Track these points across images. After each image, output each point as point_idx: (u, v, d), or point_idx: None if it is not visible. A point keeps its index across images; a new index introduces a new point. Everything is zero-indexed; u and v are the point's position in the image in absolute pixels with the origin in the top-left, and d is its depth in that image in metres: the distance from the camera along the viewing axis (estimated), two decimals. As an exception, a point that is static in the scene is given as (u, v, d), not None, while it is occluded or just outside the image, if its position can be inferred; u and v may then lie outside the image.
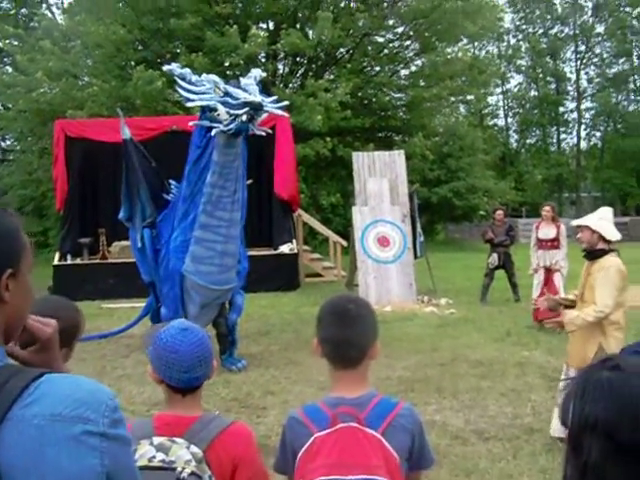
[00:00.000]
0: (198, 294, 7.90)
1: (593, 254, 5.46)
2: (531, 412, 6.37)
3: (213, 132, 7.16)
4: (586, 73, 46.80)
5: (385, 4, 28.64)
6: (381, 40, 30.54)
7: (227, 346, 8.40)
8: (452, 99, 31.66)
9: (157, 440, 2.10)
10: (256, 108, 6.90)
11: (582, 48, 46.13)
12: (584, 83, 46.84)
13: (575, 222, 5.76)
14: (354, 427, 2.14)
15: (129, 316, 10.64)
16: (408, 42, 30.52)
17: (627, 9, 43.27)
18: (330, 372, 2.33)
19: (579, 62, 46.12)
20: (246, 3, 27.20)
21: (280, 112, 7.68)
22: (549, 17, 45.94)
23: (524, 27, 46.95)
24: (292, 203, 16.39)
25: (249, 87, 7.07)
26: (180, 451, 2.06)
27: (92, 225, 15.65)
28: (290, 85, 27.79)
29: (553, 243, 10.75)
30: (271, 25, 28.84)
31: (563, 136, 47.96)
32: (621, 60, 45.04)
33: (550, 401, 6.64)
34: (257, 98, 6.89)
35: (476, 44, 40.29)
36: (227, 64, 26.57)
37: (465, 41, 33.39)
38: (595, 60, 46.61)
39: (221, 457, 2.15)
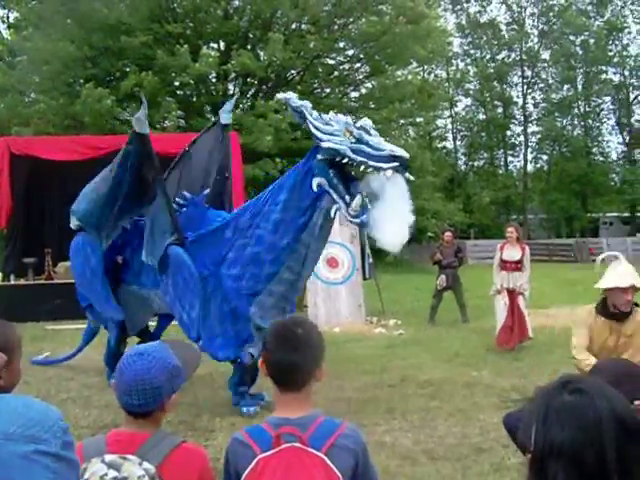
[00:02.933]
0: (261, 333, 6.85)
1: (625, 313, 5.18)
2: (479, 432, 6.40)
3: (332, 211, 6.12)
4: (532, 98, 47.85)
5: (336, 27, 28.90)
6: (332, 62, 30.80)
7: (244, 379, 7.50)
8: (402, 122, 31.98)
9: (109, 457, 2.08)
10: (406, 165, 5.70)
11: (528, 73, 47.17)
12: (530, 107, 47.84)
13: (615, 284, 5.17)
14: (297, 447, 2.14)
15: (74, 337, 10.42)
16: (358, 65, 30.85)
17: (571, 37, 44.40)
18: (274, 393, 2.34)
19: (525, 87, 47.12)
20: (197, 23, 27.20)
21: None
22: (496, 42, 46.90)
23: (472, 52, 47.86)
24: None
25: (371, 131, 5.90)
26: (132, 467, 2.05)
27: (37, 244, 15.23)
28: (240, 106, 27.82)
29: (517, 265, 10.50)
30: (222, 45, 28.87)
31: (510, 159, 48.86)
32: (566, 86, 46.16)
33: (498, 421, 6.69)
34: (405, 153, 5.70)
35: (425, 68, 40.83)
36: (177, 84, 26.50)
37: (415, 65, 33.86)
38: (541, 85, 47.69)
39: (176, 474, 2.15)
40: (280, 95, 6.59)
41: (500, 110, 47.64)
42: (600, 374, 2.19)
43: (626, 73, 45.02)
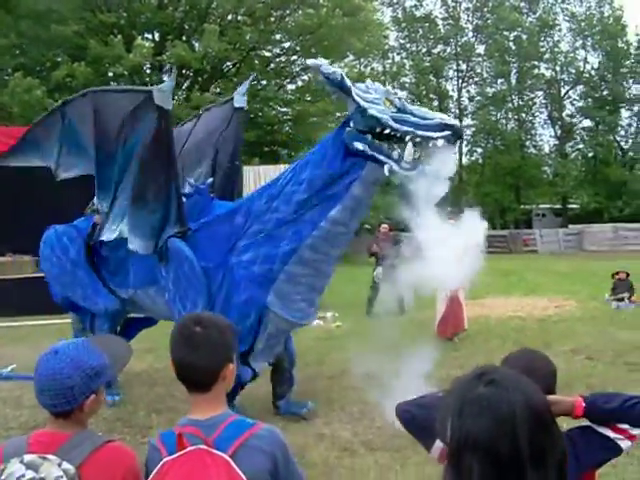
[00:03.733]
0: (279, 328, 6.30)
1: None
2: (417, 423, 6.42)
3: (386, 171, 5.38)
4: (467, 91, 48.53)
5: (272, 19, 28.77)
6: (268, 54, 30.67)
7: (288, 387, 6.95)
8: (338, 114, 32.04)
9: (28, 458, 2.03)
10: (460, 135, 5.44)
11: (463, 67, 47.83)
12: (465, 101, 48.49)
13: None
14: (202, 450, 2.05)
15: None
16: (295, 57, 30.76)
17: (505, 32, 45.14)
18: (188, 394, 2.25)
19: (460, 81, 47.78)
20: (131, 12, 26.73)
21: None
22: (432, 37, 47.37)
23: (408, 45, 48.23)
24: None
25: (406, 104, 5.46)
26: (51, 468, 2.01)
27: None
28: (175, 98, 27.45)
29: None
30: (157, 36, 28.44)
31: (446, 152, 49.36)
32: (500, 80, 46.92)
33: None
34: (458, 122, 5.47)
35: (362, 61, 40.98)
36: (111, 74, 26.00)
37: (351, 57, 33.97)
38: (476, 79, 48.40)
39: (97, 475, 2.09)
40: (310, 61, 5.77)
41: (435, 103, 48.11)
42: (508, 366, 2.22)
43: (557, 69, 46.00)
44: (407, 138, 5.23)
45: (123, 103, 6.28)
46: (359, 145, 5.44)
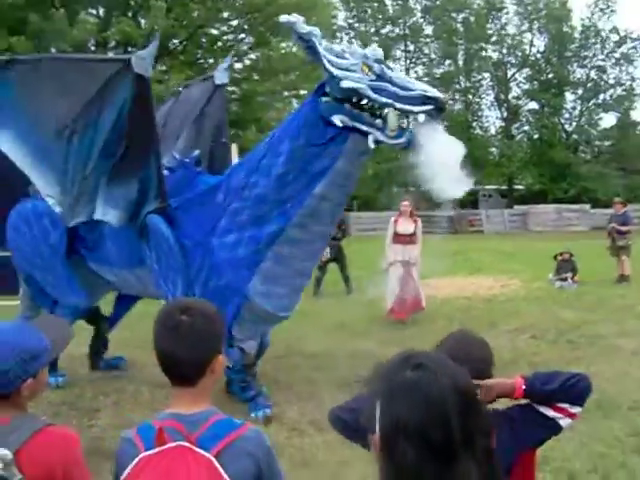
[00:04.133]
0: (255, 320, 6.00)
1: None
2: (365, 402, 6.44)
3: (370, 143, 5.05)
4: (415, 72, 48.58)
5: (220, -4, 28.42)
6: (215, 32, 30.31)
7: (250, 381, 6.30)
8: (285, 93, 31.88)
9: None
10: (442, 108, 4.94)
11: (411, 48, 47.92)
12: (413, 83, 48.65)
13: None
14: (184, 447, 1.91)
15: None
16: (243, 35, 30.45)
17: (453, 14, 45.35)
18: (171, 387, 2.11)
19: (408, 61, 47.88)
20: (74, -14, 26.08)
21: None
22: (380, 17, 47.33)
23: (356, 25, 48.11)
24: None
25: (392, 71, 5.05)
26: None
27: None
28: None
29: (411, 238, 10.62)
30: (101, 11, 27.81)
31: (393, 132, 49.53)
32: (447, 62, 47.17)
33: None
34: (441, 94, 4.93)
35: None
36: (53, 50, 25.34)
37: (299, 37, 33.71)
38: (424, 60, 48.57)
39: (36, 460, 2.02)
40: (283, 18, 5.27)
41: (384, 84, 48.20)
42: (441, 350, 2.24)
43: (504, 51, 46.42)
44: (385, 110, 4.93)
45: (94, 74, 5.81)
46: (337, 118, 5.10)
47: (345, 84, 4.90)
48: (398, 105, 4.79)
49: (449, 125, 45.61)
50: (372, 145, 5.04)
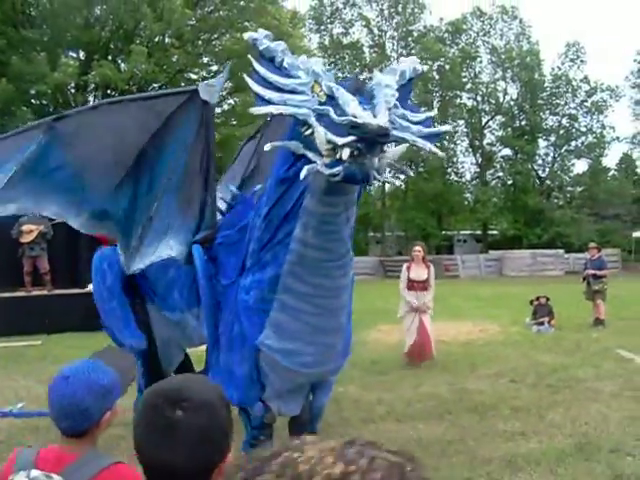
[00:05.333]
0: (279, 377, 5.14)
1: None
2: (349, 445, 6.44)
3: (302, 175, 4.09)
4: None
5: (200, 42, 28.75)
6: (195, 77, 30.59)
7: (262, 441, 5.46)
8: (265, 139, 32.11)
9: (34, 473, 2.06)
10: (372, 138, 3.81)
11: (388, 95, 48.55)
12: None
13: None
14: None
15: None
16: (222, 80, 30.76)
17: (429, 62, 46.14)
18: None
19: (385, 109, 48.46)
20: (56, 30, 26.25)
21: (431, 147, 4.53)
22: (358, 64, 48.04)
23: (334, 72, 48.56)
24: (101, 238, 15.70)
25: (376, 92, 4.02)
26: None
27: None
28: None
29: (424, 284, 10.43)
30: (82, 55, 28.02)
31: (370, 178, 49.82)
32: (423, 108, 47.51)
33: (368, 435, 6.79)
34: (378, 119, 3.76)
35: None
36: (33, 92, 25.45)
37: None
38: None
39: None
40: (247, 35, 4.70)
41: (359, 130, 48.66)
42: None
43: (478, 99, 47.27)
44: (318, 141, 4.03)
45: (154, 112, 5.39)
46: (291, 145, 4.32)
47: (258, 110, 4.16)
48: (328, 136, 3.87)
49: (425, 171, 46.31)
50: (302, 176, 4.10)
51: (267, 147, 4.39)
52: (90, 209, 5.42)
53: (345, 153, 3.79)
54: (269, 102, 4.10)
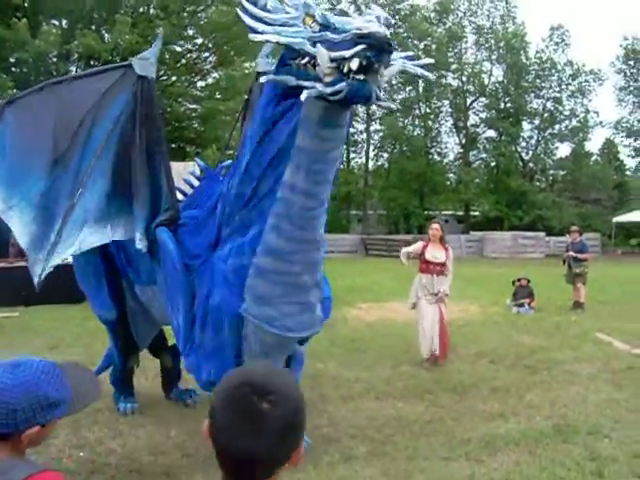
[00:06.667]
0: (264, 344, 4.95)
1: None
2: (328, 423, 6.44)
3: (303, 96, 3.96)
4: (376, 97, 49.04)
5: (185, 14, 28.42)
6: (179, 49, 30.28)
7: None
8: (249, 113, 31.90)
9: None
10: (381, 46, 3.79)
11: (373, 73, 48.32)
12: (373, 106, 48.92)
13: None
14: None
15: None
16: (207, 54, 30.47)
17: (415, 41, 45.94)
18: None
19: (369, 86, 48.24)
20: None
21: (423, 71, 4.87)
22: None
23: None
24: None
25: (367, 17, 3.97)
26: None
27: None
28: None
29: (442, 268, 9.02)
30: (65, 23, 27.59)
31: (352, 155, 49.85)
32: (408, 88, 47.72)
33: (346, 412, 6.78)
34: (382, 29, 3.79)
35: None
36: (13, 60, 25.05)
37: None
38: (385, 86, 49.00)
39: None
40: None
41: (344, 107, 48.46)
42: None
43: (464, 79, 47.18)
44: (320, 60, 3.92)
45: (92, 88, 5.28)
46: (283, 78, 4.22)
47: (256, 37, 4.04)
48: (332, 54, 3.82)
49: (409, 150, 46.29)
50: (303, 97, 3.96)
51: (263, 79, 4.38)
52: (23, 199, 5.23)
53: (354, 63, 3.77)
54: (261, 33, 4.02)
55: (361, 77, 3.84)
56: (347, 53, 3.76)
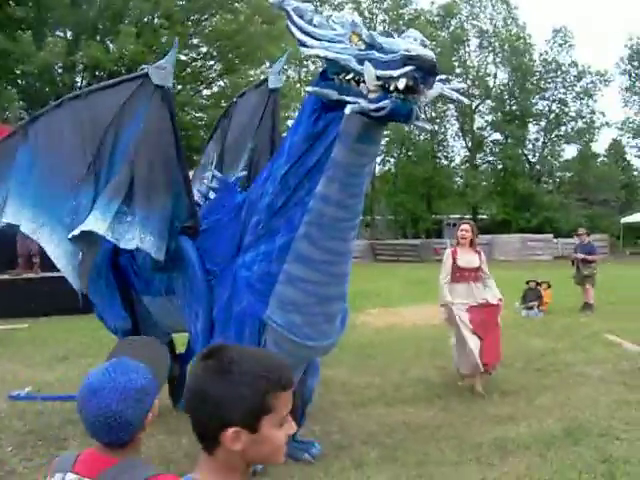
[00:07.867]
0: (284, 351, 4.87)
1: None
2: (338, 429, 6.44)
3: (347, 110, 4.05)
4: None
5: (189, 23, 28.49)
6: (184, 58, 30.32)
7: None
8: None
9: (70, 477, 1.93)
10: (429, 69, 3.95)
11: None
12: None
13: None
14: None
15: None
16: (212, 62, 30.55)
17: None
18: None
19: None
20: (42, 8, 25.86)
21: (459, 96, 5.03)
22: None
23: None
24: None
25: (409, 39, 4.16)
26: None
27: None
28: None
29: (477, 273, 8.14)
30: (69, 34, 27.68)
31: (359, 161, 49.75)
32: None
33: (357, 419, 6.78)
34: (429, 52, 3.97)
35: (284, 77, 40.98)
36: (19, 72, 25.17)
37: (268, 65, 33.92)
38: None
39: None
40: None
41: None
42: None
43: (468, 82, 47.17)
44: (367, 77, 4.03)
45: (112, 100, 5.33)
46: (326, 91, 4.31)
47: (316, 52, 4.18)
48: (379, 72, 3.94)
49: (415, 154, 46.29)
50: (347, 111, 4.05)
51: (309, 89, 4.51)
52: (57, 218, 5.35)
53: (401, 83, 3.87)
54: (311, 47, 4.19)
55: (405, 96, 3.96)
56: (395, 73, 3.88)
